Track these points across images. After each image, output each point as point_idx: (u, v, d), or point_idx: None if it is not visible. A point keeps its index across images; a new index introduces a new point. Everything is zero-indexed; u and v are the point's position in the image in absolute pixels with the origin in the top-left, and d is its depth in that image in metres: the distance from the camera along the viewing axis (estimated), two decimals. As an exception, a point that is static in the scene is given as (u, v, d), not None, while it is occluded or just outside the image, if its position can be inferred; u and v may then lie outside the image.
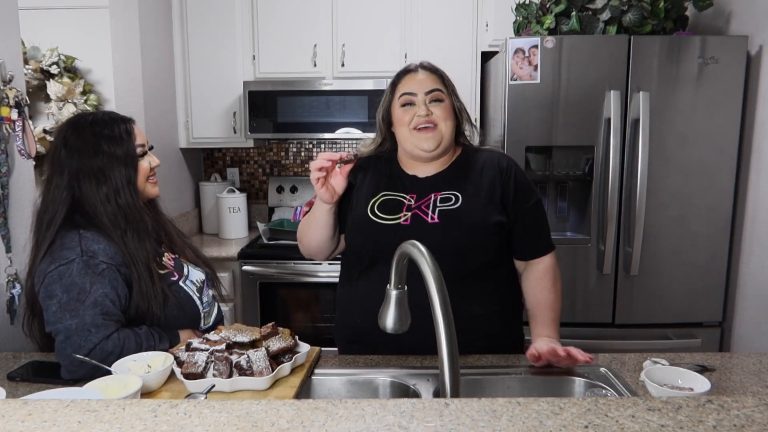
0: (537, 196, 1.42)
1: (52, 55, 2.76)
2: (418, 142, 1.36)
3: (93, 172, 1.31)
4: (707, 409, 0.68)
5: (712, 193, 2.26)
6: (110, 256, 1.28)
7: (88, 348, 1.20)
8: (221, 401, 0.72)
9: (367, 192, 1.42)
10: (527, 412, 0.67)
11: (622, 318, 2.34)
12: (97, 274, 1.25)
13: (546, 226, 1.44)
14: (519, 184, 1.39)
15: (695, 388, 1.08)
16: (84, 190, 1.31)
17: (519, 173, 1.41)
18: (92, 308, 1.22)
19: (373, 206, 1.39)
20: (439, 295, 0.78)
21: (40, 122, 2.83)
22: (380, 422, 0.66)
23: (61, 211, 1.30)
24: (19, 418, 0.67)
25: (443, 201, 1.36)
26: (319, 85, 2.81)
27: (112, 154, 1.33)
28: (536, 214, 1.41)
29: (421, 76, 1.39)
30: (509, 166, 1.41)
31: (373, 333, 1.34)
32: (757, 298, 2.18)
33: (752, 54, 2.21)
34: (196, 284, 1.45)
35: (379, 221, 1.36)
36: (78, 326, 1.20)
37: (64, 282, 1.23)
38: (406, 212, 1.36)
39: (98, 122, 1.35)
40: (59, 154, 1.32)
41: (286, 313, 2.73)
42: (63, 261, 1.25)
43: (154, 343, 1.29)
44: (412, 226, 1.34)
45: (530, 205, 1.40)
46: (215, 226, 3.10)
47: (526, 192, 1.40)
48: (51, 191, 1.32)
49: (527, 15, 2.46)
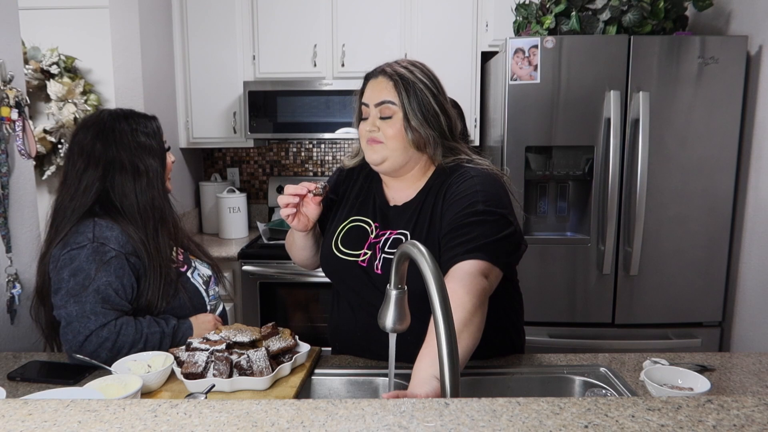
0: (473, 209, 1.16)
1: (52, 55, 2.76)
2: (368, 155, 1.24)
3: (132, 164, 1.36)
4: (707, 409, 0.68)
5: (712, 193, 2.26)
6: (121, 243, 1.31)
7: (85, 334, 1.24)
8: (221, 401, 0.72)
9: (339, 215, 1.36)
10: (527, 412, 0.67)
11: (622, 318, 2.34)
12: (104, 262, 1.28)
13: (474, 233, 1.13)
14: (453, 194, 1.19)
15: (695, 388, 1.08)
16: (117, 182, 1.35)
17: (464, 182, 1.19)
18: (94, 295, 1.25)
19: (337, 238, 1.32)
20: (439, 295, 0.78)
21: (40, 122, 2.83)
22: (380, 422, 0.66)
23: (90, 200, 1.34)
24: (19, 418, 0.67)
25: (392, 245, 1.23)
26: (319, 85, 2.81)
27: (150, 147, 1.39)
28: (459, 224, 1.15)
29: (379, 83, 1.23)
30: (450, 184, 1.21)
31: (348, 351, 1.36)
32: (757, 298, 2.18)
33: (752, 54, 2.21)
34: (203, 278, 1.49)
35: (341, 256, 1.29)
36: (78, 313, 1.24)
37: (73, 266, 1.27)
38: (366, 249, 1.27)
39: (133, 117, 1.40)
40: (95, 147, 1.35)
41: (286, 313, 2.73)
42: (75, 246, 1.29)
43: (159, 328, 1.31)
44: (366, 269, 1.25)
45: (456, 216, 1.17)
46: (215, 226, 3.10)
47: (455, 203, 1.18)
48: (83, 181, 1.34)
49: (527, 15, 2.47)
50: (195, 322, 1.39)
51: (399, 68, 1.23)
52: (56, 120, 2.79)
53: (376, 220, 1.30)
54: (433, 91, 1.22)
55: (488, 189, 1.19)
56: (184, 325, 1.37)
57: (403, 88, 1.20)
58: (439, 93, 1.24)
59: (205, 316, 1.44)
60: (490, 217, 1.15)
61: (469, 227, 1.14)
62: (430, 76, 1.25)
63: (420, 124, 1.20)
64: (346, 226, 1.33)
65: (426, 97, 1.21)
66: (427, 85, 1.22)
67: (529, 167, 2.35)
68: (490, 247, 1.12)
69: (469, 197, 1.17)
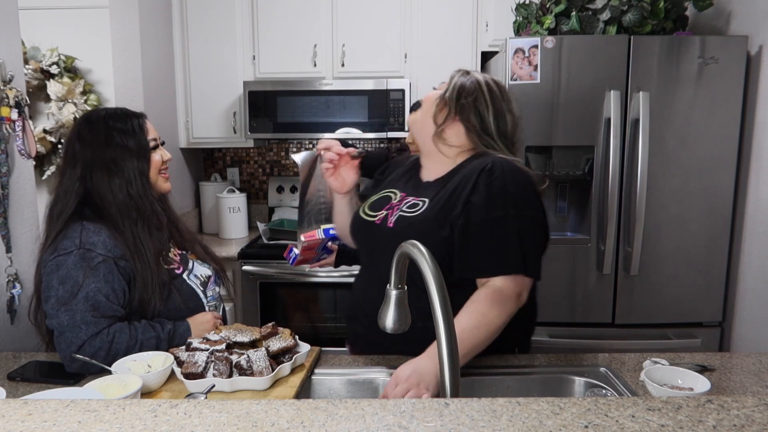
0: (508, 212, 1.20)
1: (52, 55, 2.76)
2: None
3: (105, 163, 1.35)
4: (707, 409, 0.68)
5: (712, 193, 2.26)
6: (108, 248, 1.29)
7: (78, 344, 1.23)
8: (221, 401, 0.72)
9: (377, 189, 1.47)
10: (527, 412, 0.67)
11: (622, 318, 2.34)
12: (91, 268, 1.26)
13: (505, 245, 1.19)
14: (488, 193, 1.22)
15: (695, 388, 1.08)
16: (96, 182, 1.34)
17: (499, 181, 1.22)
18: (84, 303, 1.24)
19: (366, 204, 1.43)
20: (439, 294, 0.78)
21: (40, 122, 2.83)
22: (380, 422, 0.66)
23: (72, 202, 1.33)
24: (19, 418, 0.67)
25: (411, 207, 1.31)
26: (319, 85, 2.81)
27: (124, 146, 1.37)
28: (491, 229, 1.20)
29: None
30: (492, 171, 1.23)
31: (357, 324, 1.42)
32: (757, 298, 2.18)
33: (752, 54, 2.21)
34: (200, 278, 1.48)
35: (363, 217, 1.39)
36: (69, 323, 1.23)
37: (60, 273, 1.26)
38: (384, 211, 1.35)
39: (111, 116, 1.40)
40: (73, 147, 1.36)
41: (286, 313, 2.73)
42: (62, 252, 1.27)
43: (155, 333, 1.30)
44: (380, 226, 1.33)
45: (487, 218, 1.21)
46: (215, 226, 3.10)
47: (489, 203, 1.21)
48: (63, 183, 1.35)
49: (527, 15, 2.46)
50: (193, 322, 1.39)
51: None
52: (56, 120, 2.79)
53: (402, 191, 1.39)
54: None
55: (518, 187, 1.23)
56: (181, 327, 1.36)
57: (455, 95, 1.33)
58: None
59: (204, 315, 1.43)
60: (520, 222, 1.20)
61: (494, 239, 1.20)
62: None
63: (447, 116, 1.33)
64: (378, 195, 1.43)
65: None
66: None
67: (529, 167, 2.34)
68: (522, 258, 1.19)
69: (503, 202, 1.21)
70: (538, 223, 1.24)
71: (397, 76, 2.84)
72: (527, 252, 1.20)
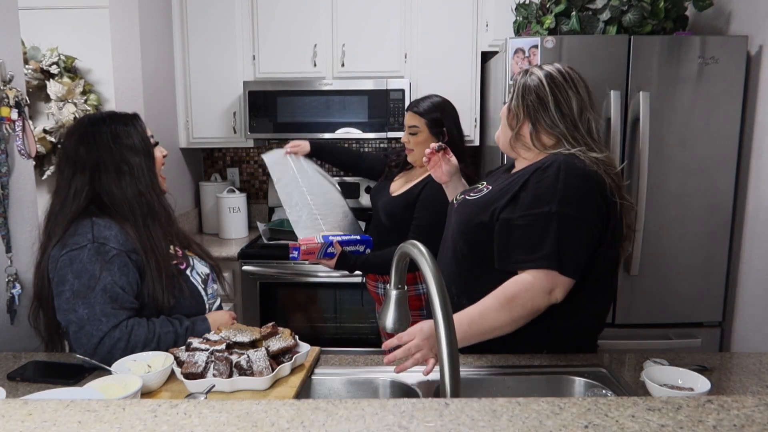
0: (551, 209, 1.21)
1: (52, 55, 2.76)
2: None
3: (115, 162, 1.37)
4: (707, 409, 0.68)
5: (712, 193, 2.26)
6: (121, 242, 1.31)
7: (99, 336, 1.24)
8: (221, 401, 0.72)
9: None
10: (527, 412, 0.67)
11: (622, 318, 2.34)
12: (107, 261, 1.28)
13: (541, 240, 1.22)
14: (537, 190, 1.24)
15: (695, 388, 1.08)
16: (105, 182, 1.36)
17: (550, 179, 1.23)
18: (102, 295, 1.25)
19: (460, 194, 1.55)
20: (439, 294, 0.78)
21: (40, 122, 2.83)
22: (380, 422, 0.66)
23: (82, 205, 1.35)
24: (19, 418, 0.67)
25: (476, 191, 1.42)
26: (319, 85, 2.81)
27: (131, 145, 1.40)
28: (530, 223, 1.23)
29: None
30: (546, 169, 1.25)
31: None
32: (757, 298, 2.18)
33: (752, 54, 2.21)
34: (201, 276, 1.49)
35: (453, 201, 1.55)
36: (89, 316, 1.24)
37: (75, 267, 1.27)
38: (464, 195, 1.48)
39: (110, 118, 1.43)
40: (79, 153, 1.37)
41: (286, 313, 2.73)
42: (74, 246, 1.28)
43: (173, 328, 1.32)
44: (453, 205, 1.49)
45: (528, 213, 1.24)
46: (215, 226, 3.10)
47: (535, 199, 1.24)
48: (71, 188, 1.36)
49: (527, 15, 2.46)
50: (211, 319, 1.41)
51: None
52: (56, 120, 2.79)
53: (488, 183, 1.45)
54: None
55: (568, 186, 1.22)
56: (203, 324, 1.37)
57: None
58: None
59: (222, 313, 1.45)
60: (561, 220, 1.21)
61: (530, 233, 1.23)
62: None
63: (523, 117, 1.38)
64: (475, 185, 1.52)
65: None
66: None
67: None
68: (556, 255, 1.20)
69: (547, 198, 1.22)
70: (587, 224, 1.23)
71: (397, 76, 2.84)
72: (564, 249, 1.20)
